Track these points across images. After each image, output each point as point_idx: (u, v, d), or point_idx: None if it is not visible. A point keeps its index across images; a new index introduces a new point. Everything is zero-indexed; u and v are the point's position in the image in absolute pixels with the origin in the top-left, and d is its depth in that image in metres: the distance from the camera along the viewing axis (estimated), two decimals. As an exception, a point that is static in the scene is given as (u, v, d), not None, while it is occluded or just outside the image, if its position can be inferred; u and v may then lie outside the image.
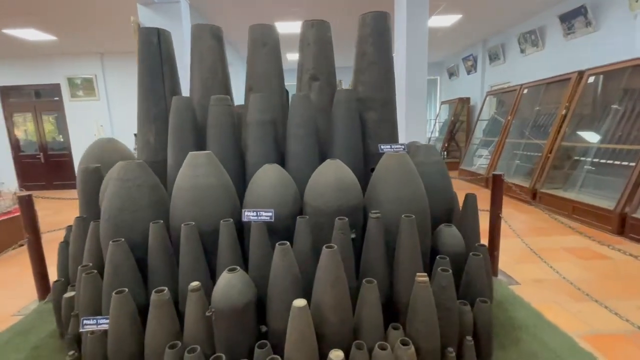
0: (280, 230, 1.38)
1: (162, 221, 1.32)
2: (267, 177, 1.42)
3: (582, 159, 3.98)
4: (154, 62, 1.81)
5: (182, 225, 1.26)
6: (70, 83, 6.98)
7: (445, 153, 9.37)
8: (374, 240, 1.26)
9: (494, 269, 2.20)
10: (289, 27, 5.43)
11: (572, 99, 4.14)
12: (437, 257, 1.37)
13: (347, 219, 1.26)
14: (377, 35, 1.72)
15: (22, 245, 2.02)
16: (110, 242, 1.24)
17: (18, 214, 3.14)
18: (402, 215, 1.26)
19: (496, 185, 2.09)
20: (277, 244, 1.14)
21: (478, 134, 6.91)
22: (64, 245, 1.77)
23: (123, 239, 1.28)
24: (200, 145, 1.75)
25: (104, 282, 1.26)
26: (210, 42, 1.82)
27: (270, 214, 1.25)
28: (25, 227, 1.96)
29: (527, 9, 5.32)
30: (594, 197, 3.63)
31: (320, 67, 1.81)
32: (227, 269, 1.13)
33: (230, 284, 1.09)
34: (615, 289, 2.15)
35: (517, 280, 2.17)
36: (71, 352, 1.24)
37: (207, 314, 1.10)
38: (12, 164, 7.65)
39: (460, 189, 5.69)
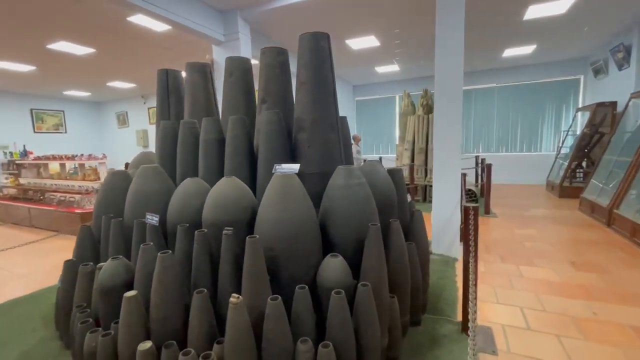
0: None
1: (111, 216, 1.78)
2: (182, 188, 1.68)
3: None
4: (163, 94, 2.38)
5: (112, 220, 1.67)
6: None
7: (582, 175, 7.14)
8: (224, 255, 1.33)
9: (465, 330, 1.73)
10: (363, 43, 5.40)
11: None
12: (297, 287, 1.30)
13: (205, 231, 1.38)
14: (307, 56, 1.73)
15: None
16: (80, 227, 1.78)
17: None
18: (247, 237, 1.28)
19: (468, 222, 1.66)
20: (141, 245, 1.39)
21: (613, 151, 5.04)
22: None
23: (89, 226, 1.80)
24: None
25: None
26: (194, 76, 2.24)
27: (156, 218, 1.50)
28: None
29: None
30: None
31: (267, 90, 1.94)
32: (111, 257, 1.45)
33: (103, 268, 1.41)
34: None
35: (500, 348, 1.62)
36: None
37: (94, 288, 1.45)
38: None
39: (569, 224, 4.27)
